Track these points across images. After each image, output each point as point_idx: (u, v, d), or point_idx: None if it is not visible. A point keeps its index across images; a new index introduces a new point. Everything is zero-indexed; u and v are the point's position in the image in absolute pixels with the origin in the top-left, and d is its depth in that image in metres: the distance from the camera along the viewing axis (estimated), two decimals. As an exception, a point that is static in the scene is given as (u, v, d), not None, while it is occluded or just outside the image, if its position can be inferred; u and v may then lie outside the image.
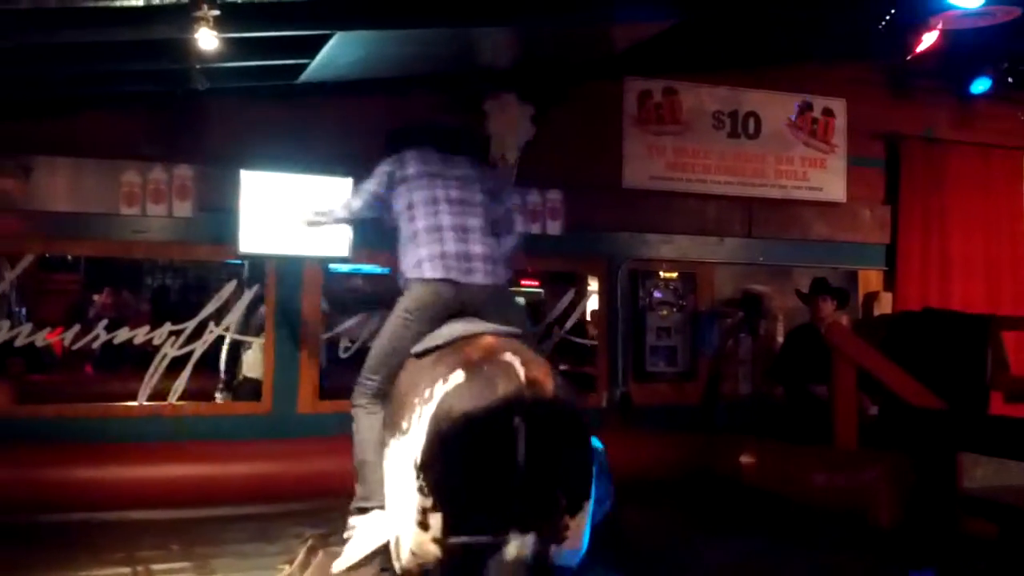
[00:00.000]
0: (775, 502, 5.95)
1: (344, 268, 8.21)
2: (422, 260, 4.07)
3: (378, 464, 3.83)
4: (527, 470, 3.10)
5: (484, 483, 3.14)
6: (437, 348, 3.62)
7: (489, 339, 3.46)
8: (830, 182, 7.82)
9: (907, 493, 5.28)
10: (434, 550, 3.19)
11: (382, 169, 4.36)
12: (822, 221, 7.77)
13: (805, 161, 7.75)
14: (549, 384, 3.18)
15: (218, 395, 6.78)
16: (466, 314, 4.00)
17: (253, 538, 5.26)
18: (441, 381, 3.26)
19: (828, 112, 7.80)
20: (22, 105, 5.61)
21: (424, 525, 3.18)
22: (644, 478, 6.50)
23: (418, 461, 3.18)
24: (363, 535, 3.94)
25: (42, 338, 6.24)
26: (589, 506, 3.24)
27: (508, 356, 3.22)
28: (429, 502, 3.16)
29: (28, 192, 5.82)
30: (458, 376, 3.24)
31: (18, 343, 6.10)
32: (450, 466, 3.13)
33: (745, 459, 6.47)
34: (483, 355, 3.31)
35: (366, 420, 4.05)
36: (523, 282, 11.56)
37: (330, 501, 4.57)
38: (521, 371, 3.15)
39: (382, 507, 3.80)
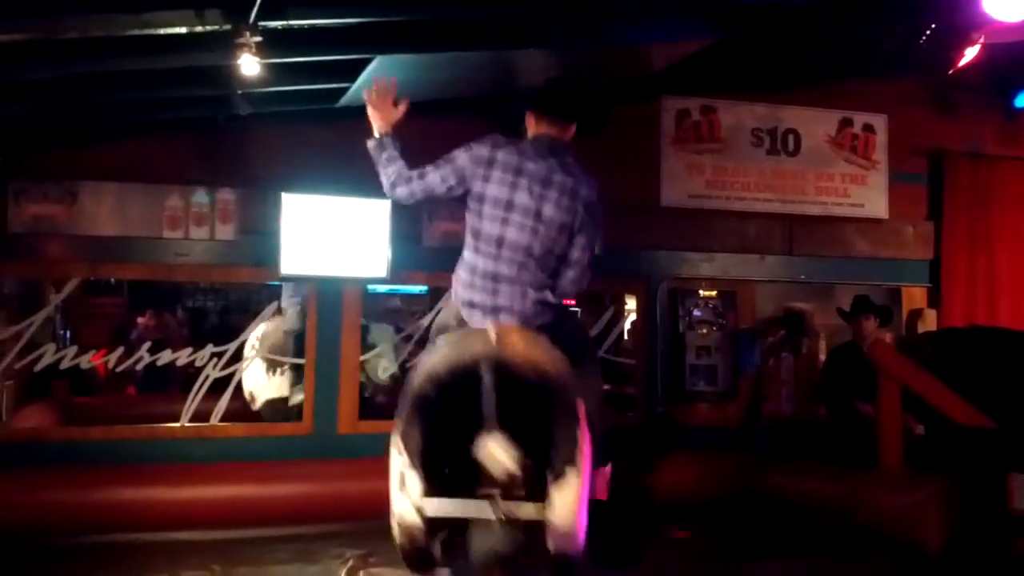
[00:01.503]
0: (818, 525, 5.86)
1: (382, 289, 8.27)
2: (474, 303, 3.88)
3: None
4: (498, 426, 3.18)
5: (454, 438, 3.23)
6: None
7: (489, 323, 3.53)
8: (872, 198, 7.72)
9: (956, 515, 5.17)
10: (414, 518, 3.24)
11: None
12: (864, 238, 7.68)
13: (846, 177, 7.67)
14: (521, 346, 3.26)
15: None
16: None
17: (294, 559, 5.28)
18: (427, 351, 3.42)
19: (869, 128, 7.72)
20: (68, 132, 5.71)
21: (402, 486, 3.25)
22: (684, 500, 6.47)
23: (398, 422, 3.30)
24: None
25: (86, 360, 6.32)
26: (576, 478, 3.22)
27: (488, 325, 3.35)
28: (405, 460, 3.23)
29: (74, 217, 5.91)
30: (440, 343, 3.42)
31: (63, 366, 6.18)
32: (420, 421, 3.24)
33: (787, 481, 6.37)
34: (471, 329, 3.45)
35: None
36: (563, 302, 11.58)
37: (371, 522, 4.55)
38: (494, 335, 3.25)
39: None
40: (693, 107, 7.29)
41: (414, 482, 3.24)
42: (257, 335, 6.59)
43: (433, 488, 3.28)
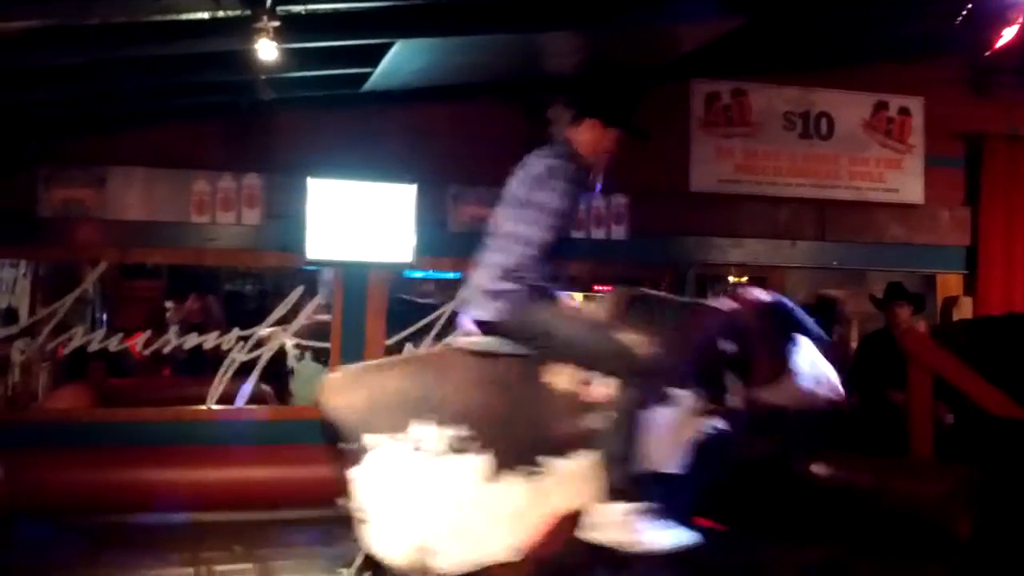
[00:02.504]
0: (847, 512, 5.78)
1: (417, 273, 8.28)
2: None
3: None
4: None
5: None
6: None
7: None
8: (907, 183, 7.57)
9: (985, 506, 5.08)
10: None
11: None
12: (899, 223, 7.53)
13: (880, 162, 7.52)
14: None
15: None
16: None
17: (316, 541, 5.31)
18: None
19: (904, 111, 7.56)
20: (96, 118, 5.75)
21: None
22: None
23: None
24: None
25: (116, 343, 6.42)
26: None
27: None
28: None
29: (102, 201, 5.96)
30: None
31: (92, 348, 6.30)
32: None
33: (817, 468, 6.29)
34: None
35: None
36: (596, 288, 11.54)
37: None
38: None
39: None
40: (723, 90, 7.18)
41: None
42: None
43: None
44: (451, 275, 9.82)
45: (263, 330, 6.41)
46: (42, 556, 4.96)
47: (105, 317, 10.20)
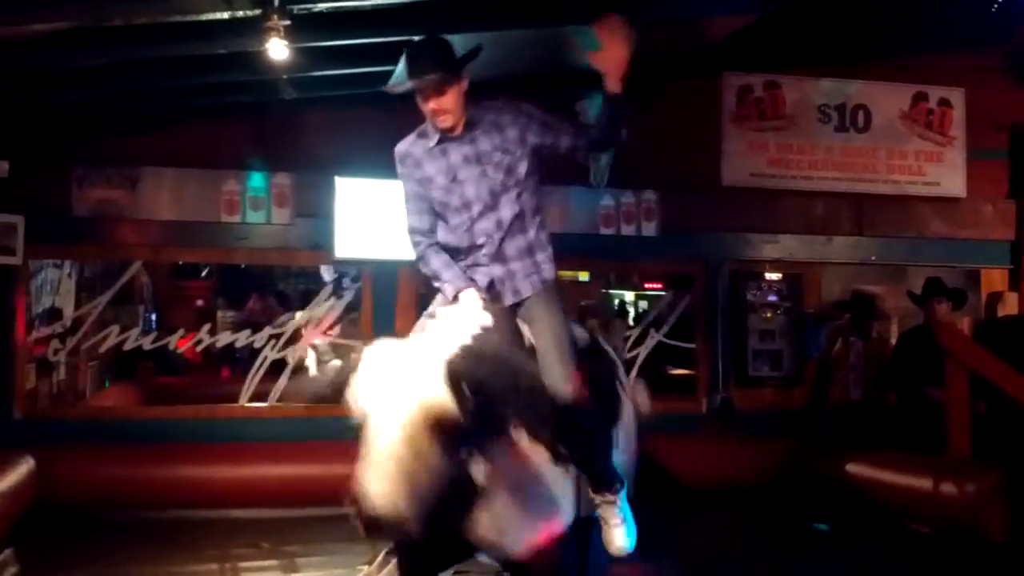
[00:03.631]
0: (883, 513, 5.68)
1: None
2: None
3: None
4: None
5: None
6: None
7: None
8: (948, 176, 7.40)
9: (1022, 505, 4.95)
10: None
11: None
12: (940, 217, 7.37)
13: (920, 155, 7.37)
14: None
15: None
16: None
17: (342, 538, 5.28)
18: None
19: (945, 102, 7.40)
20: (127, 119, 5.86)
21: None
22: (746, 486, 6.34)
23: None
24: None
25: (148, 342, 6.60)
26: None
27: None
28: None
29: (135, 201, 6.07)
30: None
31: (127, 347, 6.41)
32: None
33: (853, 467, 6.17)
34: None
35: None
36: (646, 285, 11.50)
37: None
38: None
39: None
40: (756, 83, 7.09)
41: None
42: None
43: None
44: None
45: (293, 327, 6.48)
46: (77, 550, 5.06)
47: (154, 317, 10.45)
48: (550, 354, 3.20)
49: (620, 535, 3.49)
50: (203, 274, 12.12)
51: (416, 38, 3.49)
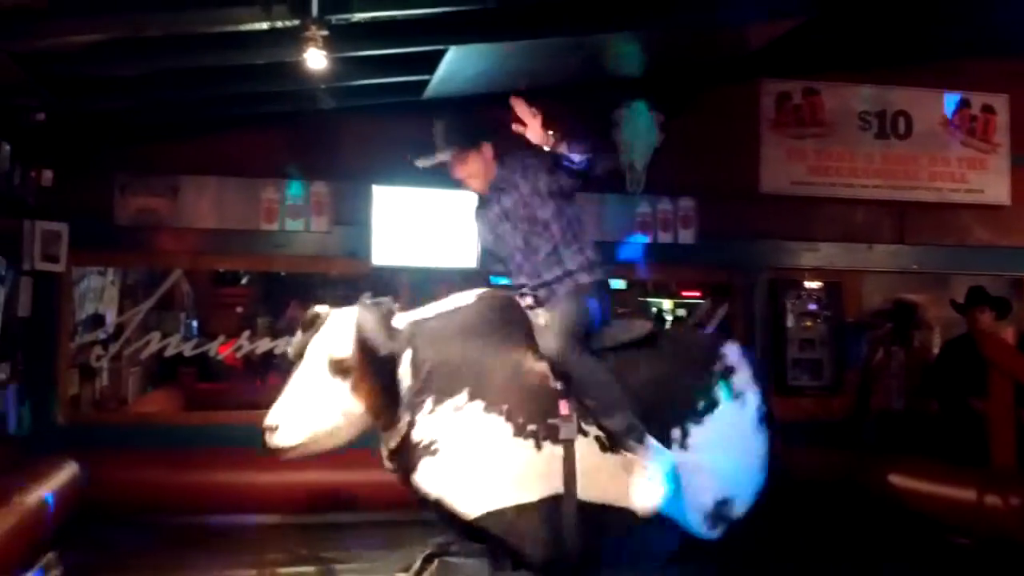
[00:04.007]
0: (927, 525, 5.58)
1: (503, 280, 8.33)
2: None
3: None
4: None
5: None
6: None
7: None
8: (991, 183, 7.29)
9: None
10: None
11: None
12: (983, 225, 7.26)
13: (963, 162, 7.27)
14: None
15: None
16: None
17: (379, 545, 5.38)
18: None
19: (988, 109, 7.30)
20: (168, 128, 5.95)
21: None
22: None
23: None
24: None
25: (183, 347, 6.68)
26: None
27: None
28: None
29: (176, 210, 6.15)
30: None
31: (168, 353, 6.48)
32: None
33: (896, 479, 6.08)
34: None
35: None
36: (684, 293, 11.43)
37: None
38: None
39: None
40: (794, 90, 7.03)
41: None
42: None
43: None
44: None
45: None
46: (118, 553, 5.12)
47: (195, 323, 10.57)
48: (552, 326, 3.55)
49: (645, 488, 3.52)
50: (243, 281, 12.25)
51: (440, 119, 3.98)
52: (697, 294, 9.97)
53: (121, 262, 6.79)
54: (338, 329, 3.55)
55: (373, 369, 3.50)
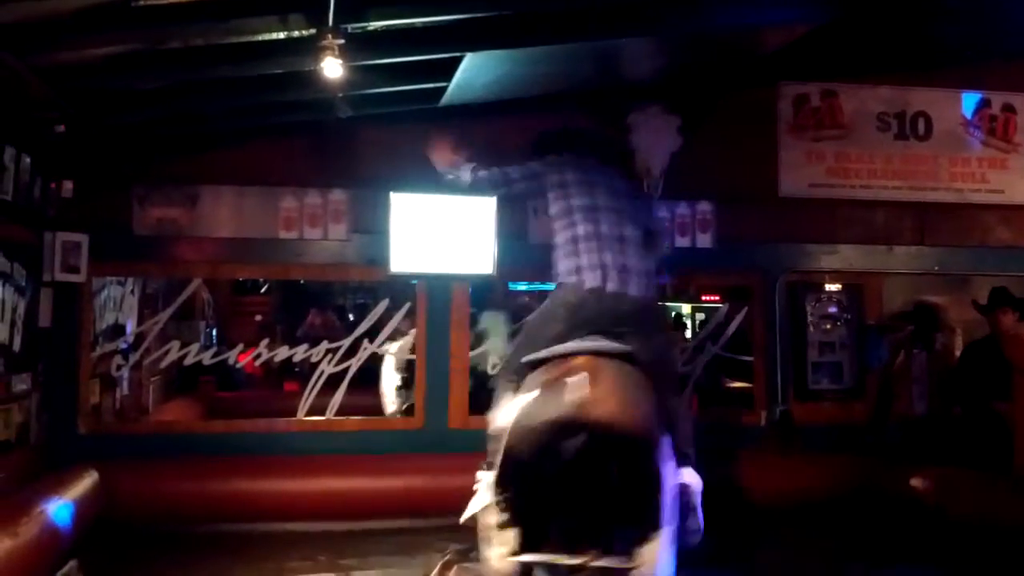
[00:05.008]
0: (950, 530, 5.53)
1: (521, 285, 8.37)
2: (582, 268, 4.17)
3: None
4: (579, 493, 3.24)
5: (549, 503, 3.29)
6: (541, 362, 3.61)
7: (582, 359, 3.41)
8: (1013, 183, 7.22)
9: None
10: (509, 565, 3.32)
11: (532, 167, 4.53)
12: (1005, 225, 7.19)
13: (983, 162, 7.20)
14: (608, 408, 3.19)
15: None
16: (602, 325, 4.00)
17: (398, 551, 5.39)
18: (522, 397, 3.37)
19: (1009, 108, 7.23)
20: (186, 139, 5.97)
21: (502, 539, 3.33)
22: (805, 501, 6.23)
23: (494, 476, 3.36)
24: (480, 490, 4.00)
25: (206, 356, 6.71)
26: (661, 539, 3.24)
27: (577, 378, 3.25)
28: (505, 518, 3.31)
29: (195, 219, 6.18)
30: (532, 395, 3.33)
31: (187, 362, 6.49)
32: (517, 484, 3.30)
33: (917, 483, 6.03)
34: (560, 374, 3.32)
35: (504, 389, 4.08)
36: (704, 297, 11.41)
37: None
38: (580, 393, 3.19)
39: None
40: (812, 92, 6.99)
41: (511, 537, 3.34)
42: (394, 351, 6.92)
43: (530, 544, 3.36)
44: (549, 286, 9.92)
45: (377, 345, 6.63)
46: (139, 562, 5.15)
47: (215, 332, 10.64)
48: None
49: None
50: (263, 290, 12.33)
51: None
52: (716, 298, 9.96)
53: (141, 272, 6.82)
54: None
55: None
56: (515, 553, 3.32)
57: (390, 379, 7.25)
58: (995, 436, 5.94)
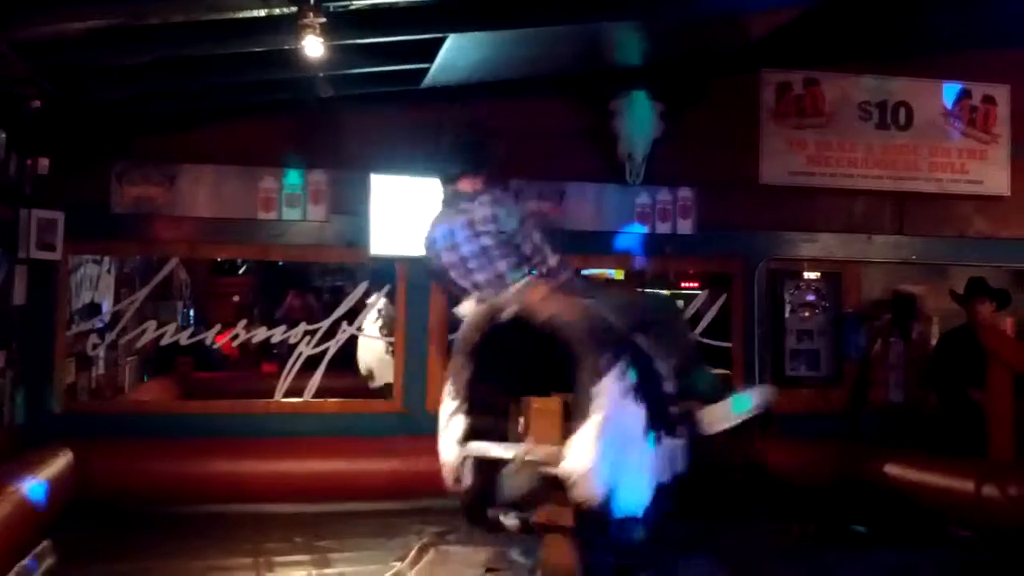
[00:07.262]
0: (924, 517, 5.58)
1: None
2: None
3: None
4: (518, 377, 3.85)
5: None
6: None
7: None
8: (991, 174, 7.27)
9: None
10: (452, 457, 3.83)
11: None
12: (982, 216, 7.24)
13: (963, 152, 7.24)
14: (546, 310, 3.70)
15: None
16: None
17: (375, 533, 5.38)
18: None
19: (989, 99, 7.26)
20: (165, 116, 5.91)
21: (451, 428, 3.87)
22: (785, 487, 6.26)
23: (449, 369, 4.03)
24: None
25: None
26: (590, 429, 3.52)
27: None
28: (454, 406, 3.87)
29: (173, 198, 6.12)
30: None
31: (164, 342, 6.46)
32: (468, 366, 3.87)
33: (893, 470, 6.07)
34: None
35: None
36: (683, 284, 11.42)
37: (455, 499, 4.58)
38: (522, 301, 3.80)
39: None
40: (795, 80, 7.00)
41: (458, 425, 3.84)
42: (378, 307, 6.82)
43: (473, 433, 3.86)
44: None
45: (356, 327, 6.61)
46: (113, 542, 5.11)
47: (192, 312, 10.55)
48: None
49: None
50: (241, 271, 12.23)
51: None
52: (695, 285, 9.96)
53: (118, 250, 6.76)
54: None
55: None
56: (460, 442, 3.80)
57: (371, 349, 7.20)
58: (970, 424, 5.98)
